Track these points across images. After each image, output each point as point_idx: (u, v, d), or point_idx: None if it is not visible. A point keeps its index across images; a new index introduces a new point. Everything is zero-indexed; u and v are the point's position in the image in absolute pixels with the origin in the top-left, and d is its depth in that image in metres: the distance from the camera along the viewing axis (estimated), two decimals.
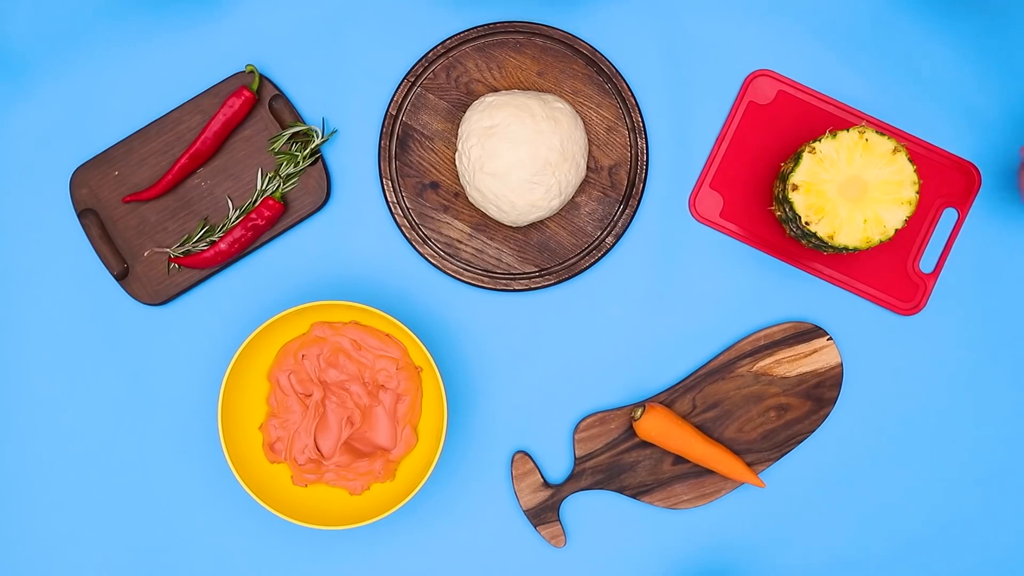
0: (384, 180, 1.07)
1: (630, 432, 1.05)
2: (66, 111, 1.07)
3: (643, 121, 1.06)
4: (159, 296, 1.05)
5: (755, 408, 1.04)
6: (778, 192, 1.02)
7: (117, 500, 1.06)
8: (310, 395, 1.01)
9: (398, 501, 0.97)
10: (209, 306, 1.07)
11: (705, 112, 1.07)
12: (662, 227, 1.07)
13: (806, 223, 0.96)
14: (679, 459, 1.04)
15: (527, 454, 1.05)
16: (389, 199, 1.06)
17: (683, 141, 1.07)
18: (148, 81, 1.08)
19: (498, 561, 1.06)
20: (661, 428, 0.99)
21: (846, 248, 0.96)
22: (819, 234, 0.96)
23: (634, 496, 1.05)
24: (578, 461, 1.05)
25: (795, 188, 0.97)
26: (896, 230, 0.95)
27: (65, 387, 1.07)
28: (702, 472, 1.04)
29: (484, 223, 1.06)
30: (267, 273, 1.07)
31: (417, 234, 1.06)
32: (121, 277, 1.05)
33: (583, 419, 1.05)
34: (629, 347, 1.06)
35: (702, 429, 1.04)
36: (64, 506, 1.06)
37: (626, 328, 1.07)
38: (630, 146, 1.06)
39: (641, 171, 1.06)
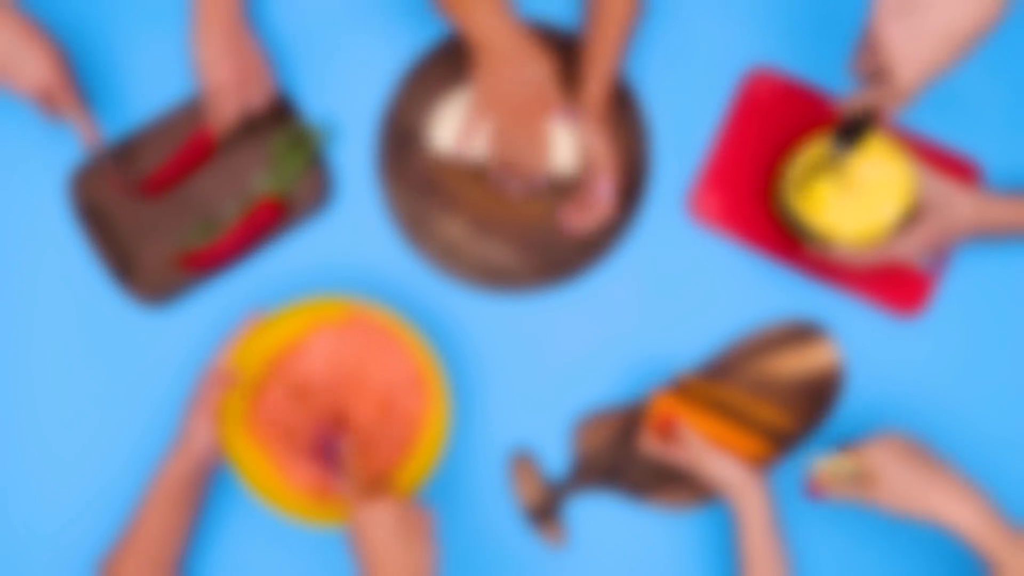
0: (384, 180, 1.07)
1: (630, 432, 1.05)
2: None
3: (643, 121, 1.06)
4: (159, 297, 1.05)
5: None
6: (777, 190, 1.02)
7: (117, 499, 1.06)
8: (310, 397, 1.01)
9: None
10: (209, 306, 1.07)
11: (704, 111, 1.07)
12: (662, 227, 1.07)
13: (805, 220, 0.97)
14: None
15: (527, 454, 1.05)
16: (389, 199, 1.07)
17: (683, 141, 1.07)
18: (148, 81, 1.08)
19: (498, 561, 1.06)
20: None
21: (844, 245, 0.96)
22: (818, 231, 0.96)
23: (634, 496, 1.05)
24: (578, 461, 1.05)
25: (794, 185, 0.98)
26: (895, 227, 0.95)
27: (65, 388, 1.07)
28: None
29: (484, 223, 1.06)
30: (267, 273, 1.07)
31: (417, 234, 1.06)
32: (121, 278, 1.05)
33: (583, 419, 1.05)
34: (629, 347, 1.06)
35: None
36: (63, 504, 1.06)
37: (626, 328, 1.07)
38: (630, 146, 1.06)
39: (641, 171, 1.06)
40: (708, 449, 0.94)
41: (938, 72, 0.81)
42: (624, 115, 1.06)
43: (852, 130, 0.90)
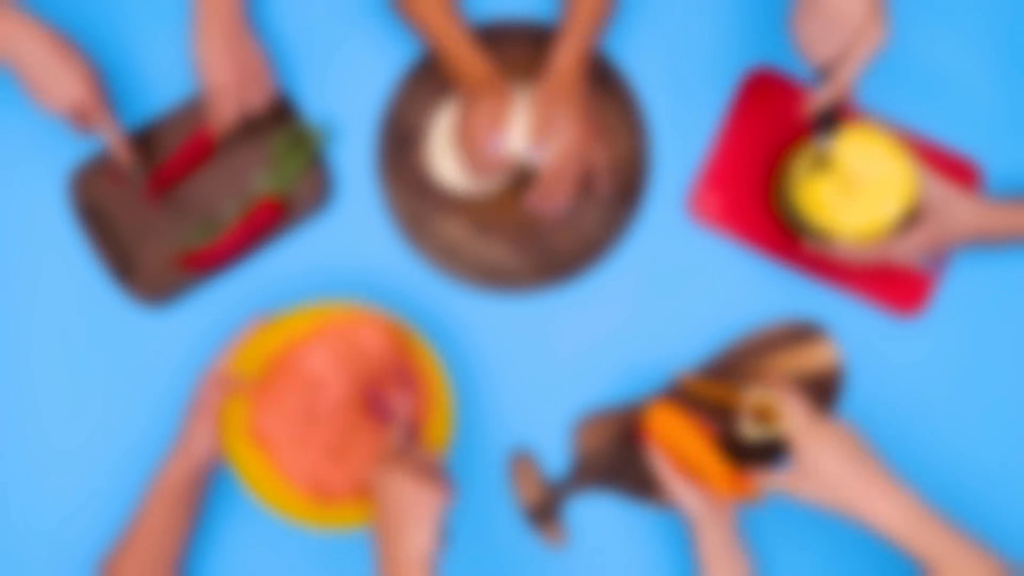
0: (384, 180, 1.07)
1: (630, 432, 1.05)
2: None
3: (643, 121, 1.06)
4: (159, 297, 1.05)
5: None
6: (778, 188, 1.02)
7: (117, 499, 1.06)
8: (310, 399, 1.01)
9: None
10: (209, 306, 1.07)
11: (704, 111, 1.07)
12: (662, 227, 1.07)
13: (806, 215, 0.97)
14: None
15: (527, 454, 1.05)
16: (389, 199, 1.06)
17: (683, 141, 1.07)
18: (148, 81, 1.08)
19: (498, 561, 1.06)
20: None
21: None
22: (819, 226, 0.96)
23: (634, 496, 1.05)
24: (578, 461, 1.05)
25: (796, 180, 0.98)
26: (895, 225, 0.95)
27: (65, 387, 1.07)
28: None
29: (485, 224, 1.06)
30: (267, 273, 1.07)
31: (417, 234, 1.06)
32: (121, 278, 1.05)
33: (583, 419, 1.05)
34: (629, 347, 1.06)
35: None
36: (64, 504, 1.06)
37: (626, 328, 1.07)
38: (630, 146, 1.06)
39: (641, 171, 1.06)
40: (672, 476, 0.94)
41: (838, 53, 0.87)
42: (624, 115, 1.06)
43: (825, 122, 0.93)
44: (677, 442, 0.96)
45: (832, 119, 0.93)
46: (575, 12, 0.99)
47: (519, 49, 1.06)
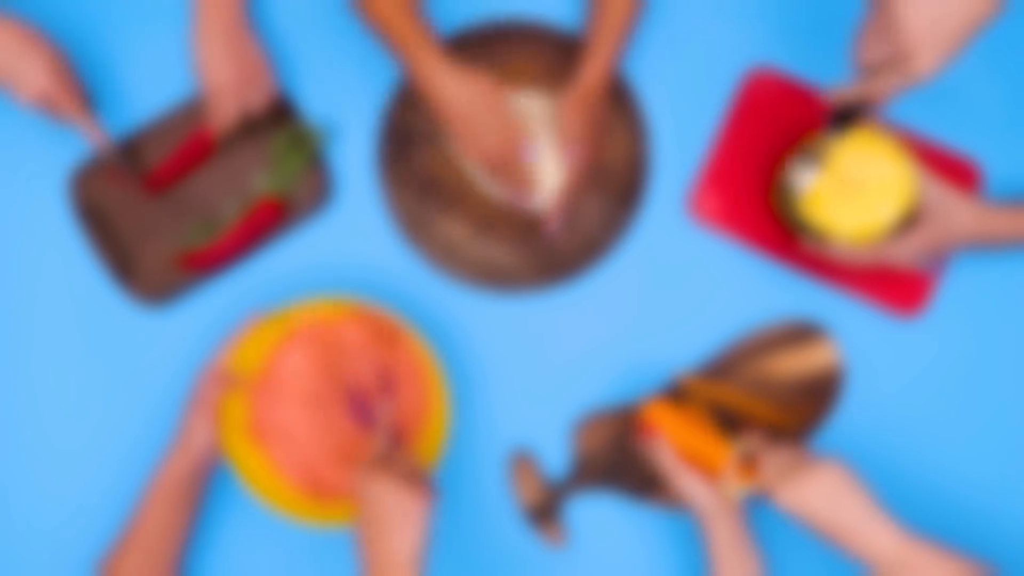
0: (384, 180, 1.07)
1: (629, 432, 1.05)
2: None
3: (643, 121, 1.06)
4: (159, 297, 1.05)
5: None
6: (777, 187, 1.02)
7: (116, 498, 1.06)
8: (310, 399, 1.02)
9: None
10: (209, 306, 1.07)
11: (704, 111, 1.08)
12: (662, 227, 1.07)
13: (803, 214, 0.97)
14: None
15: (527, 454, 1.05)
16: (389, 199, 1.07)
17: (683, 141, 1.07)
18: (148, 80, 1.08)
19: (498, 561, 1.06)
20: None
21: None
22: (816, 226, 0.96)
23: (634, 496, 1.05)
24: (578, 461, 1.05)
25: (794, 183, 0.98)
26: (894, 227, 0.95)
27: (65, 387, 1.07)
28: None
29: (485, 224, 1.06)
30: (267, 273, 1.07)
31: (417, 234, 1.06)
32: (121, 278, 1.05)
33: (583, 419, 1.05)
34: (629, 347, 1.07)
35: None
36: (63, 503, 1.06)
37: (626, 328, 1.07)
38: (630, 146, 1.06)
39: (641, 171, 1.06)
40: (679, 470, 0.94)
41: (952, 57, 0.81)
42: (624, 115, 1.06)
43: (842, 119, 0.92)
44: (680, 436, 0.96)
45: (850, 118, 0.91)
46: (602, 25, 0.99)
47: (524, 52, 1.06)
